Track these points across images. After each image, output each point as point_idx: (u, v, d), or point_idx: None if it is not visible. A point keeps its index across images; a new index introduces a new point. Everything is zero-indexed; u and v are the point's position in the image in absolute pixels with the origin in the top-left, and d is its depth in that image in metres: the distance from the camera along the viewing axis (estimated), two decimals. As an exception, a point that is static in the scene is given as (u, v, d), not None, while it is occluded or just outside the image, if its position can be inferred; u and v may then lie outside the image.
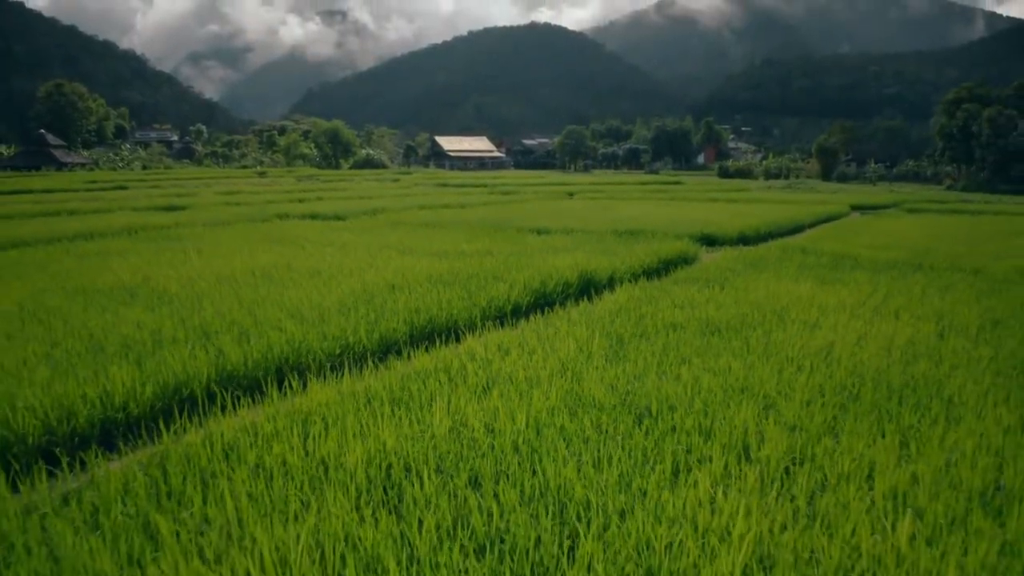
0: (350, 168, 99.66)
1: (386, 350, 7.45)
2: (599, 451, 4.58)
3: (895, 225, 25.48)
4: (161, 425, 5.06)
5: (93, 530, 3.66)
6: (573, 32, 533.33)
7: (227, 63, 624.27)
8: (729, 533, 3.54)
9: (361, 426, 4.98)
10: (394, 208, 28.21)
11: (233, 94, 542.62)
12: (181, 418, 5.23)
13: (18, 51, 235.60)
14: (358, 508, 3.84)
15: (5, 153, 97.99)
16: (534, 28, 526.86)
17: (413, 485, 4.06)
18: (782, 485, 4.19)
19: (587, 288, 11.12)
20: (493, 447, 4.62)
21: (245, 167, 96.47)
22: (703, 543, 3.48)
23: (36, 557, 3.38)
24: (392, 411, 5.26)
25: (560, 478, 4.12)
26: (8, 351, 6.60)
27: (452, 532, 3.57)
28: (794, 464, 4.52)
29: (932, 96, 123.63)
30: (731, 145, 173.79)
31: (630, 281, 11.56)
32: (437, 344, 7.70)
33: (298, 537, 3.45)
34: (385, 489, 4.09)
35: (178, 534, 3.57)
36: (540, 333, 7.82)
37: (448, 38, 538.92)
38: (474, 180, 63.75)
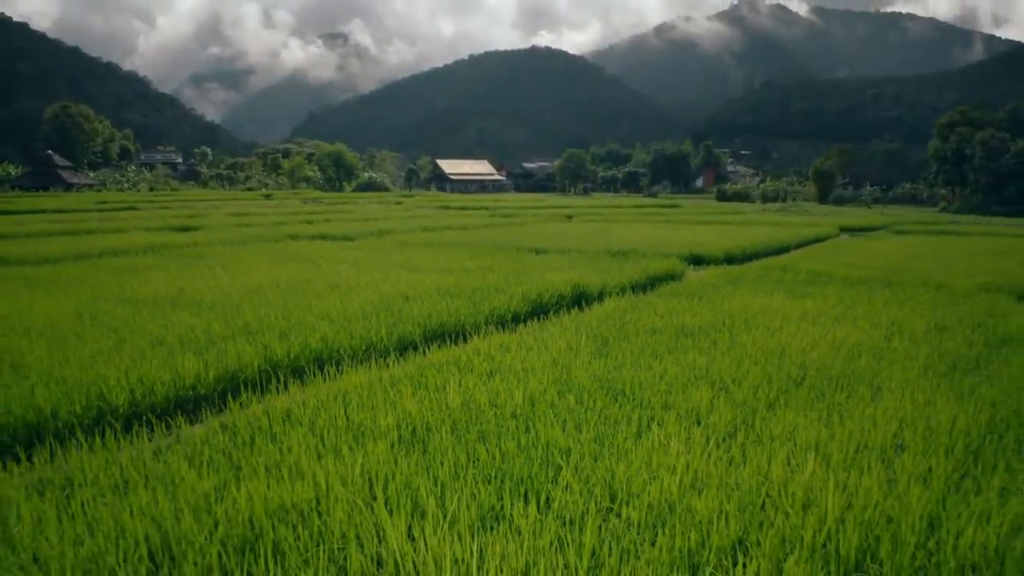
0: (353, 190, 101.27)
1: (404, 348, 8.62)
2: (580, 418, 5.75)
3: (879, 246, 26.68)
4: (229, 399, 6.25)
5: (191, 466, 4.83)
6: (573, 56, 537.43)
7: (229, 85, 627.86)
8: (675, 468, 4.70)
9: (389, 401, 6.15)
10: (400, 230, 29.43)
11: (235, 116, 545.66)
12: (243, 395, 6.41)
13: (23, 71, 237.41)
14: (392, 452, 5.00)
15: (13, 173, 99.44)
16: (535, 52, 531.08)
17: (434, 438, 5.23)
18: (723, 441, 5.35)
19: (579, 300, 12.30)
20: (496, 415, 5.79)
21: (250, 189, 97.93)
22: (653, 474, 4.65)
23: (152, 487, 4.53)
24: (414, 391, 6.43)
25: (548, 436, 5.29)
26: (85, 345, 7.77)
27: (465, 468, 4.73)
28: (736, 429, 5.67)
29: (931, 119, 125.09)
30: (730, 168, 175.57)
31: (618, 294, 12.74)
32: (447, 343, 8.88)
33: (349, 467, 4.63)
34: (412, 442, 5.25)
35: (255, 468, 4.72)
36: (536, 335, 9.00)
37: (449, 62, 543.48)
38: (475, 203, 65.06)
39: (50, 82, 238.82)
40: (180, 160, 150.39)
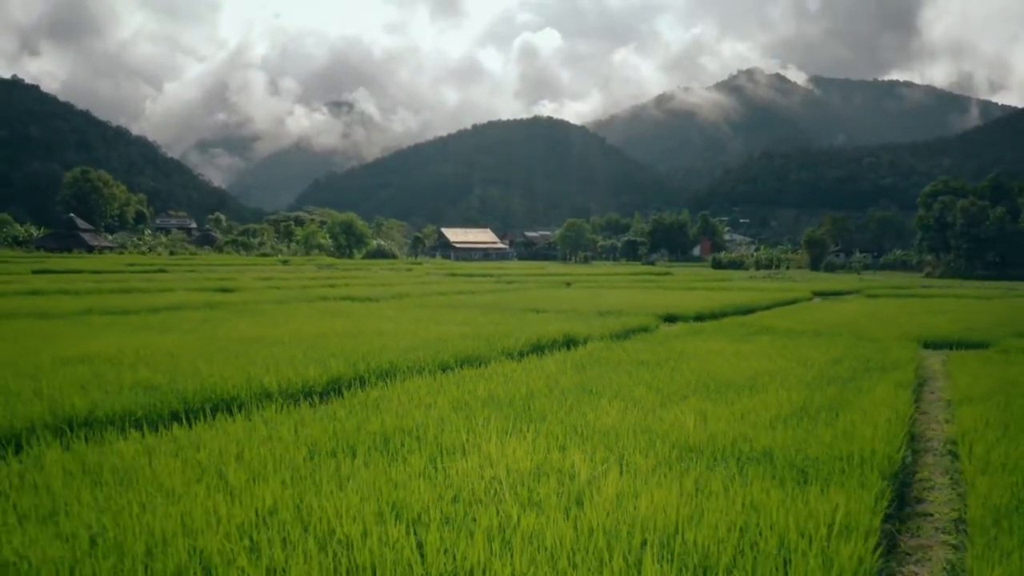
0: (363, 257, 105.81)
1: (444, 368, 12.19)
2: (564, 401, 9.33)
3: (839, 307, 30.37)
4: (345, 390, 9.90)
5: (350, 414, 8.41)
6: (575, 126, 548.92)
7: (234, 151, 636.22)
8: (611, 420, 8.27)
9: (442, 391, 9.74)
10: (416, 293, 33.20)
11: (240, 182, 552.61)
12: (346, 391, 10.02)
13: (34, 134, 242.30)
14: (452, 410, 8.59)
15: (35, 234, 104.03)
16: (537, 121, 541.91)
17: (472, 407, 8.82)
18: (647, 411, 8.91)
19: (569, 343, 15.92)
20: (510, 399, 9.37)
21: (265, 255, 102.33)
22: (601, 422, 8.22)
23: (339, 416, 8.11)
24: (455, 387, 10.02)
25: (542, 406, 8.87)
26: (227, 363, 11.33)
27: (490, 418, 8.29)
28: (657, 406, 9.23)
29: (925, 187, 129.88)
30: (727, 237, 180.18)
31: (599, 340, 16.36)
32: (473, 367, 12.48)
33: (430, 414, 8.23)
34: (458, 408, 8.84)
35: (382, 414, 8.29)
36: (535, 363, 12.62)
37: (453, 130, 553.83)
38: (481, 270, 69.12)
39: (61, 145, 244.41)
40: (194, 225, 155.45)
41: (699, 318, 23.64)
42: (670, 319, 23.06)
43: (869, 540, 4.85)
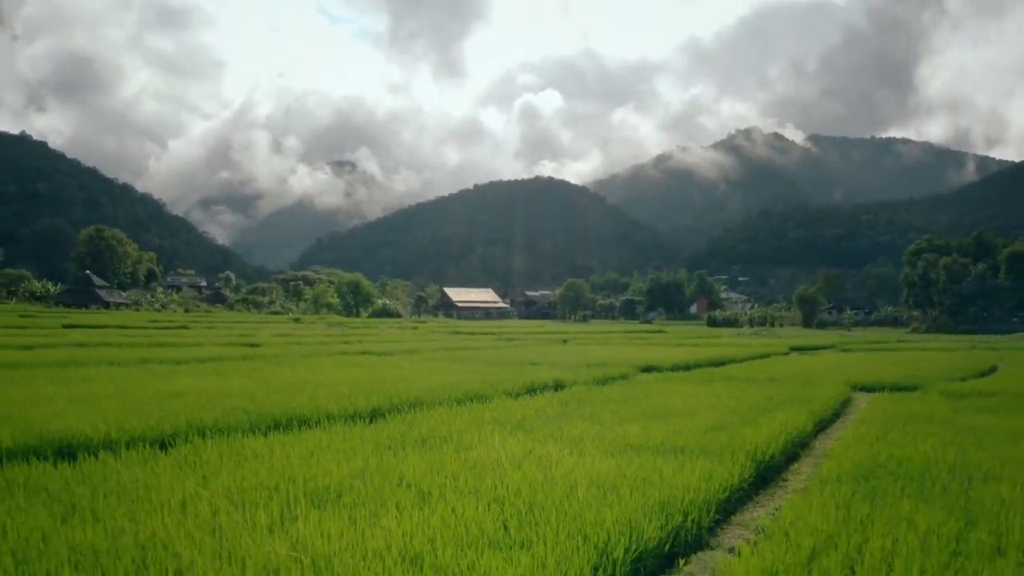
0: (368, 316, 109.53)
1: (456, 402, 15.60)
2: (547, 421, 12.72)
3: (807, 360, 33.81)
4: (385, 415, 13.33)
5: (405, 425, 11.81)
6: (575, 185, 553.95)
7: (237, 209, 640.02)
8: (581, 433, 11.67)
9: (458, 416, 13.13)
10: (424, 349, 36.67)
11: (242, 239, 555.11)
12: (388, 416, 13.42)
13: (43, 190, 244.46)
14: (468, 426, 12.00)
15: (51, 290, 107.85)
16: (538, 181, 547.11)
17: (480, 424, 12.23)
18: (609, 426, 12.29)
19: (557, 387, 19.34)
20: (509, 421, 12.77)
21: (275, 313, 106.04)
22: (572, 432, 11.62)
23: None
24: (468, 412, 13.43)
25: (531, 425, 12.28)
26: (293, 396, 14.73)
27: (492, 429, 11.68)
28: (616, 423, 12.59)
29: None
30: (723, 295, 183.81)
31: (582, 385, 19.79)
32: (480, 403, 15.88)
33: (449, 424, 11.65)
34: (470, 424, 12.25)
35: (419, 433, 11.68)
36: (527, 400, 16.04)
37: (455, 190, 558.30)
38: (483, 329, 72.74)
39: (69, 201, 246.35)
40: (204, 283, 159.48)
41: (674, 368, 27.05)
42: (648, 370, 26.44)
43: (726, 486, 8.31)
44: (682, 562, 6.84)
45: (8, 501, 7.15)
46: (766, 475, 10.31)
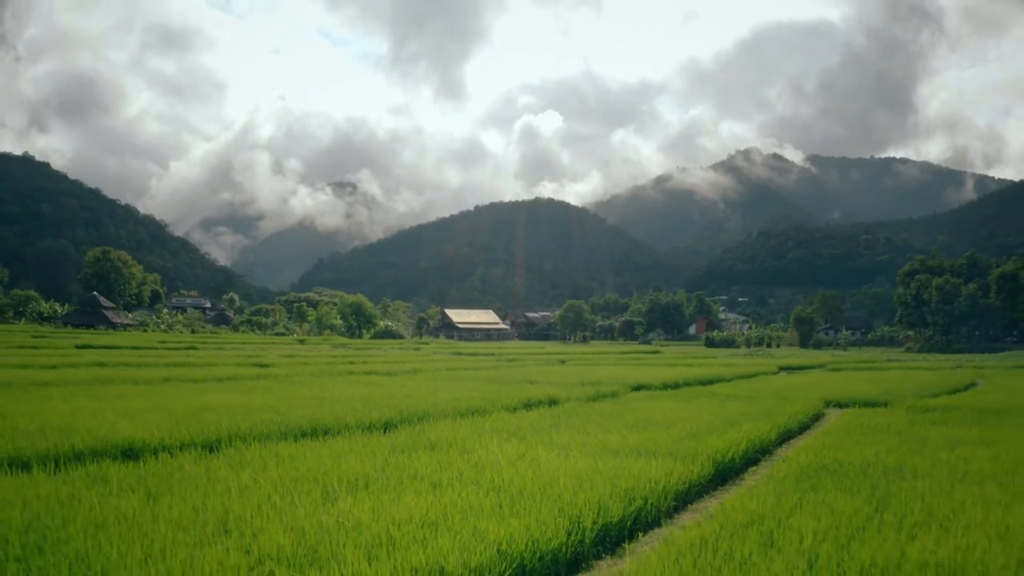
0: (371, 337, 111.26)
1: (459, 415, 17.30)
2: (540, 431, 14.43)
3: (792, 379, 35.48)
4: (396, 426, 15.04)
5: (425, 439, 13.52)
6: (575, 206, 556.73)
7: (238, 230, 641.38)
8: (567, 441, 13.37)
9: (462, 425, 14.83)
10: (427, 369, 38.39)
11: (243, 260, 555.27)
12: (399, 426, 15.13)
13: (46, 211, 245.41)
14: (470, 434, 13.71)
15: (59, 311, 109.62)
16: (538, 202, 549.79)
17: (480, 432, 13.93)
18: (593, 436, 13.99)
19: (551, 403, 21.05)
20: (506, 430, 14.47)
21: (280, 335, 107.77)
22: (560, 440, 13.32)
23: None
24: (470, 424, 15.13)
25: (525, 434, 13.98)
26: (314, 410, 16.42)
27: (491, 437, 13.38)
28: (604, 431, 14.29)
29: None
30: (722, 316, 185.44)
31: (575, 401, 21.49)
32: (481, 416, 17.57)
33: (454, 431, 13.37)
34: (471, 433, 13.95)
35: (430, 438, 13.37)
36: (523, 414, 17.73)
37: (456, 211, 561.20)
38: (484, 350, 74.45)
39: (72, 222, 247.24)
40: (208, 304, 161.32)
41: (664, 387, 28.72)
42: (639, 388, 28.11)
43: (685, 480, 10.03)
44: (641, 535, 8.57)
45: (98, 488, 8.87)
46: (726, 475, 12.03)
